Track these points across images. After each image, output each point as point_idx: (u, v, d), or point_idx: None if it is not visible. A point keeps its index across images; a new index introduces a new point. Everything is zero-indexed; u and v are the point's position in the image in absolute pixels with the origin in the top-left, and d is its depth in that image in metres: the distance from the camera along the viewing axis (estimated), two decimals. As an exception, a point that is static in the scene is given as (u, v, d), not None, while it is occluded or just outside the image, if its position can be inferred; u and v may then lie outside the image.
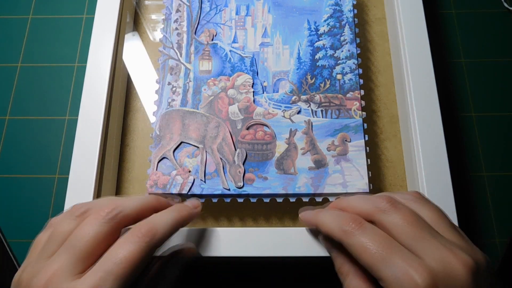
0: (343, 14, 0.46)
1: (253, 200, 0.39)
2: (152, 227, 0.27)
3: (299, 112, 0.42)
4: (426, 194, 0.38)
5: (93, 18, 0.46)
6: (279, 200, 0.39)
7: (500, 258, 0.42)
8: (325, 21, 0.46)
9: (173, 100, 0.42)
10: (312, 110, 0.42)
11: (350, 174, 0.39)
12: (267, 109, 0.42)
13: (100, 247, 0.26)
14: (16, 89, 0.50)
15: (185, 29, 0.46)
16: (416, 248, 0.25)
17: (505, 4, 0.52)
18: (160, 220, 0.28)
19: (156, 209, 0.31)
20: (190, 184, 0.39)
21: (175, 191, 0.39)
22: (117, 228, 0.28)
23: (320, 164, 0.40)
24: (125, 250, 0.26)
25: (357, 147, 0.40)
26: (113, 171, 0.44)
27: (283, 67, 0.44)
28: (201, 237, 0.36)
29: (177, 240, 0.36)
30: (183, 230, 0.36)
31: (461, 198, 0.44)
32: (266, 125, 0.41)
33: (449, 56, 0.51)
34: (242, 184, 0.39)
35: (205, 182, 0.39)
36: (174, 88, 0.43)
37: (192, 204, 0.34)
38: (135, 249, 0.26)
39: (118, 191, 0.44)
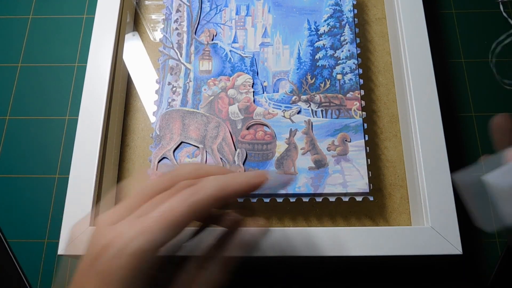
0: (343, 14, 0.46)
1: (253, 200, 0.39)
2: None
3: (299, 112, 0.42)
4: (426, 194, 0.38)
5: (93, 18, 0.46)
6: (279, 200, 0.39)
7: (500, 258, 0.42)
8: (325, 21, 0.46)
9: (173, 100, 0.42)
10: (312, 110, 0.42)
11: (350, 174, 0.39)
12: (267, 109, 0.42)
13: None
14: (16, 89, 0.50)
15: (185, 29, 0.46)
16: None
17: (502, 10, 0.52)
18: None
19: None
20: (190, 184, 0.39)
21: (175, 191, 0.39)
22: None
23: (320, 164, 0.40)
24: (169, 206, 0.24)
25: (357, 147, 0.40)
26: (113, 171, 0.44)
27: (283, 67, 0.44)
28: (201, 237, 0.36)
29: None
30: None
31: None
32: (266, 125, 0.41)
33: (449, 56, 0.51)
34: (242, 184, 0.39)
35: (205, 182, 0.39)
36: (174, 88, 0.43)
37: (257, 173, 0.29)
38: (180, 206, 0.24)
39: (118, 191, 0.44)
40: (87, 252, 0.25)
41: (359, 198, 0.39)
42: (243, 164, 0.40)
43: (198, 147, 0.41)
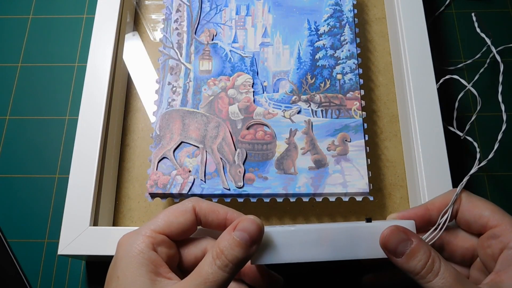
0: (343, 14, 0.46)
1: (253, 200, 0.39)
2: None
3: (299, 112, 0.42)
4: (426, 194, 0.38)
5: (93, 18, 0.46)
6: (279, 200, 0.39)
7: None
8: (325, 21, 0.46)
9: (173, 100, 0.42)
10: (312, 110, 0.42)
11: (350, 174, 0.39)
12: (267, 109, 0.42)
13: None
14: (16, 89, 0.50)
15: (185, 29, 0.46)
16: None
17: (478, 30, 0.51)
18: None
19: None
20: (190, 184, 0.39)
21: (175, 191, 0.39)
22: None
23: (320, 164, 0.40)
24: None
25: (357, 147, 0.40)
26: (113, 171, 0.44)
27: (283, 67, 0.44)
28: (201, 237, 0.36)
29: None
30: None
31: (461, 198, 0.44)
32: (266, 125, 0.41)
33: (449, 56, 0.51)
34: (242, 184, 0.39)
35: (205, 182, 0.39)
36: (174, 88, 0.43)
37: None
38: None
39: (118, 191, 0.44)
40: None
41: (359, 198, 0.39)
42: (243, 164, 0.40)
43: (198, 147, 0.41)
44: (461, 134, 0.43)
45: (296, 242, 0.28)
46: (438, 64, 0.49)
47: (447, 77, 0.43)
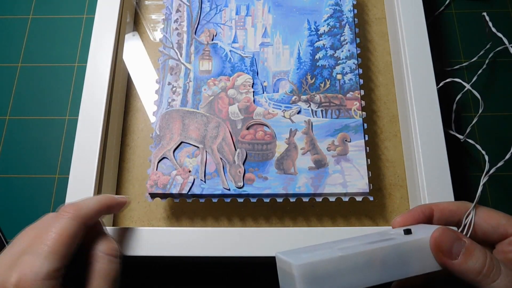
0: (343, 14, 0.46)
1: (253, 200, 0.39)
2: (77, 206, 0.31)
3: (299, 112, 0.42)
4: (426, 194, 0.38)
5: (93, 18, 0.46)
6: (279, 200, 0.39)
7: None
8: (325, 21, 0.46)
9: (173, 100, 0.42)
10: (312, 110, 0.42)
11: (350, 174, 0.39)
12: (267, 109, 0.42)
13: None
14: (16, 89, 0.50)
15: (185, 29, 0.46)
16: None
17: (493, 29, 0.52)
18: (86, 200, 0.33)
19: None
20: (190, 184, 0.39)
21: (175, 191, 0.39)
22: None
23: (320, 164, 0.40)
24: (55, 228, 0.28)
25: (357, 147, 0.40)
26: (113, 171, 0.44)
27: (283, 67, 0.44)
28: (201, 237, 0.36)
29: (180, 237, 0.36)
30: (184, 229, 0.36)
31: (461, 198, 0.44)
32: (266, 125, 0.41)
33: (449, 56, 0.51)
34: (242, 184, 0.39)
35: (205, 182, 0.39)
36: (174, 88, 0.43)
37: (120, 196, 0.36)
38: (63, 224, 0.29)
39: (118, 191, 0.44)
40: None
41: (359, 198, 0.39)
42: (243, 164, 0.40)
43: (198, 147, 0.41)
44: (461, 137, 0.42)
45: (344, 269, 0.26)
46: (438, 64, 0.49)
47: (448, 80, 0.43)
